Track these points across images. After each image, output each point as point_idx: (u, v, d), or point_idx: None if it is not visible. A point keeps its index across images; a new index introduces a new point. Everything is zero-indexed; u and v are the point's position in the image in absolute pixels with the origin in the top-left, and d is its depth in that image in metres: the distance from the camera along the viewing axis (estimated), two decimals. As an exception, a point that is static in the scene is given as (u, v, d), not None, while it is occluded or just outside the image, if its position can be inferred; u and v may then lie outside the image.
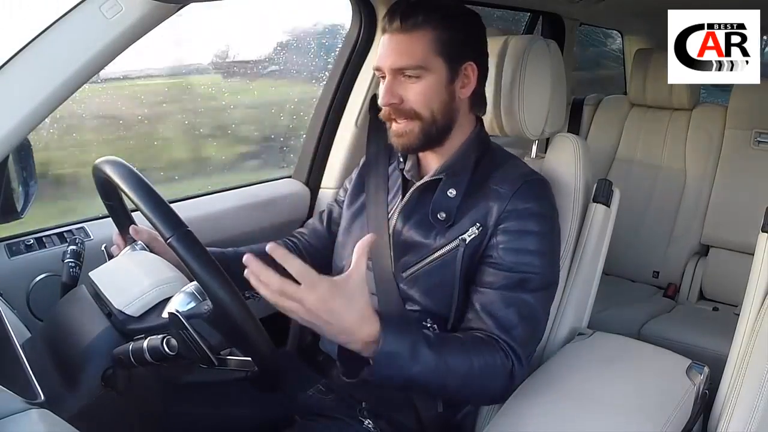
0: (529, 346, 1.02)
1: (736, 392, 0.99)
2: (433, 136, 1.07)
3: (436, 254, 1.05)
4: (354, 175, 1.27)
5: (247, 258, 0.81)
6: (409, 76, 1.03)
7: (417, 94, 1.04)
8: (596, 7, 2.12)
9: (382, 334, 0.87)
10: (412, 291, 1.06)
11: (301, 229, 1.34)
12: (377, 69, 1.07)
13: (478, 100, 1.12)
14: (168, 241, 0.81)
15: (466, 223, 1.05)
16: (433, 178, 1.10)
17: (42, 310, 1.18)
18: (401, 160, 1.18)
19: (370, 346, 0.87)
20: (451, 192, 1.07)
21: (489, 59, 1.13)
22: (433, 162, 1.13)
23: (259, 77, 2.10)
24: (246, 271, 0.82)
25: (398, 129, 1.07)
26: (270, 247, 0.82)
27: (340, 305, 0.83)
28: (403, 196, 1.13)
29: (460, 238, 1.04)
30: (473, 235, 1.04)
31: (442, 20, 1.03)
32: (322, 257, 1.26)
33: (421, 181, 1.12)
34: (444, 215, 1.06)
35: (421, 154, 1.16)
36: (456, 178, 1.08)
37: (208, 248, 0.84)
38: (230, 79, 2.05)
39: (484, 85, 1.13)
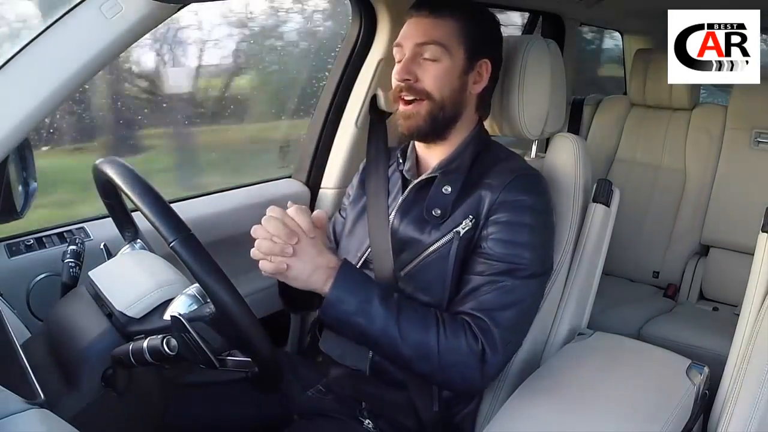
0: (510, 332, 1.01)
1: (736, 392, 0.99)
2: (439, 122, 1.08)
3: (431, 248, 1.06)
4: (355, 181, 1.27)
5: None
6: (428, 58, 1.06)
7: (432, 75, 1.06)
8: (596, 7, 2.12)
9: (333, 279, 0.95)
10: (410, 288, 1.07)
11: None
12: (397, 45, 1.10)
13: (484, 101, 1.15)
14: (171, 244, 0.81)
15: (459, 216, 1.05)
16: (429, 176, 1.10)
17: (42, 310, 1.18)
18: (401, 160, 1.18)
19: (328, 285, 0.95)
20: (446, 189, 1.08)
21: None
22: (432, 160, 1.14)
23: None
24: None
25: (406, 110, 1.08)
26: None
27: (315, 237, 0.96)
28: (402, 195, 1.14)
29: (454, 231, 1.04)
30: (467, 228, 1.04)
31: (467, 14, 1.09)
32: None
33: (418, 180, 1.12)
34: (439, 212, 1.07)
35: (420, 152, 1.16)
36: (451, 176, 1.09)
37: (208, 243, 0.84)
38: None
39: (493, 90, 1.15)
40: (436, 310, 1.00)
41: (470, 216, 1.04)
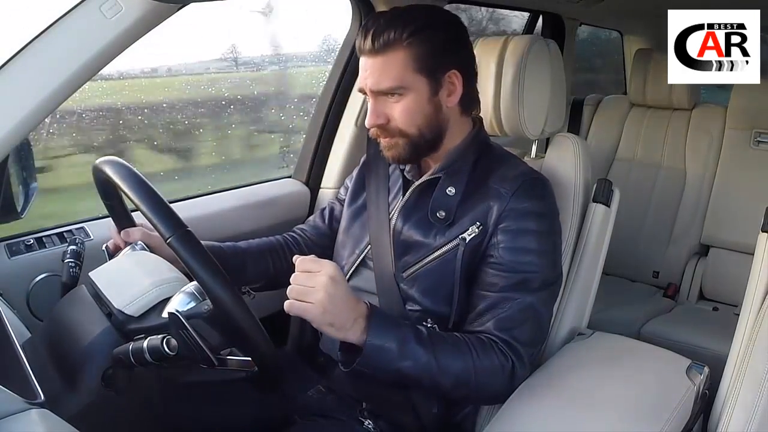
0: (532, 345, 1.03)
1: (736, 392, 0.99)
2: (422, 148, 1.07)
3: (436, 253, 1.05)
4: (355, 173, 1.27)
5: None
6: (391, 95, 1.03)
7: (401, 112, 1.03)
8: (596, 7, 2.12)
9: (368, 326, 0.91)
10: (412, 291, 1.06)
11: (302, 226, 1.34)
12: (360, 90, 1.07)
13: (468, 103, 1.10)
14: (168, 241, 0.81)
15: (466, 222, 1.05)
16: (432, 176, 1.10)
17: (42, 310, 1.18)
18: None
19: (365, 334, 0.91)
20: (450, 190, 1.07)
21: (489, 59, 1.13)
22: (432, 162, 1.13)
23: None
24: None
25: (387, 143, 1.07)
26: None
27: (340, 281, 0.91)
28: (404, 196, 1.13)
29: (460, 237, 1.04)
30: (473, 234, 1.04)
31: (414, 35, 1.00)
32: (323, 254, 1.26)
33: (420, 180, 1.12)
34: (443, 214, 1.06)
35: None
36: (455, 177, 1.08)
37: (204, 241, 0.84)
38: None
39: (474, 86, 1.11)
40: (461, 334, 1.01)
41: (478, 222, 1.04)
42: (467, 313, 1.04)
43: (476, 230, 1.04)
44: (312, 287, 0.88)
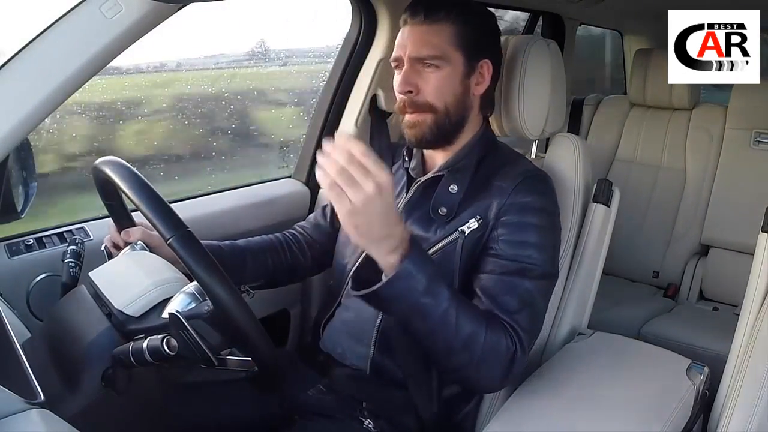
0: (529, 333, 0.99)
1: (736, 392, 1.00)
2: (446, 129, 1.08)
3: (436, 247, 1.05)
4: None
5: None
6: (427, 65, 1.05)
7: (433, 84, 1.05)
8: (596, 7, 2.12)
9: (410, 250, 0.86)
10: None
11: (302, 223, 1.34)
12: (394, 60, 1.09)
13: (488, 101, 1.14)
14: (168, 241, 0.81)
15: (466, 216, 1.05)
16: (436, 174, 1.10)
17: (42, 310, 1.18)
18: (406, 158, 1.18)
19: (395, 257, 0.85)
20: (453, 188, 1.08)
21: None
22: (438, 160, 1.14)
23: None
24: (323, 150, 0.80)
25: (411, 119, 1.08)
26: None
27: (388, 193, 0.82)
28: (407, 193, 1.14)
29: (459, 229, 1.04)
30: (473, 228, 1.04)
31: (462, 16, 1.06)
32: (323, 252, 1.27)
33: (424, 178, 1.12)
34: (445, 210, 1.06)
35: (426, 152, 1.16)
36: (458, 175, 1.09)
37: (204, 240, 0.84)
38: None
39: (495, 88, 1.15)
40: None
41: (478, 216, 1.04)
42: None
43: (476, 224, 1.04)
44: (358, 184, 0.79)
